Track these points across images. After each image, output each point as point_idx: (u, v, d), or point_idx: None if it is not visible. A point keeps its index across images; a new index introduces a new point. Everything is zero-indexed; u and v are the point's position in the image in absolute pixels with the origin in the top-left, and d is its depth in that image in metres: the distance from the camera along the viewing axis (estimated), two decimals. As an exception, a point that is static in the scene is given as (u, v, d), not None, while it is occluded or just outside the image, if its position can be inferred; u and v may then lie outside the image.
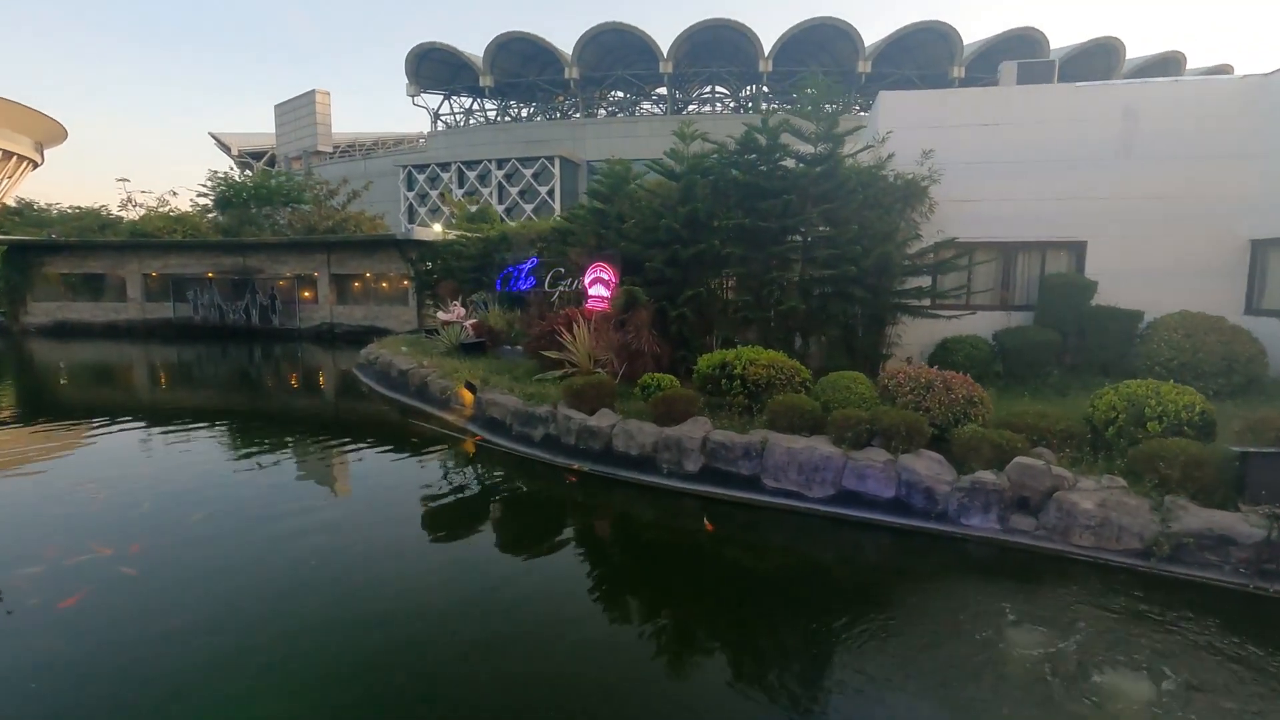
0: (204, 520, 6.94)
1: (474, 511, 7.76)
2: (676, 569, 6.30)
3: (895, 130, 11.77)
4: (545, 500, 8.14)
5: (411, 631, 4.87)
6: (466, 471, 9.15)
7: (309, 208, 34.49)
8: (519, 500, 8.19)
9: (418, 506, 7.79)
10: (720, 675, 4.44)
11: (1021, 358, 10.92)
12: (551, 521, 7.53)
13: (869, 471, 6.89)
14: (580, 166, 52.62)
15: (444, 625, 5.00)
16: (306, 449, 10.33)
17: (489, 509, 7.90)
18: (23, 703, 3.97)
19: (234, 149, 77.56)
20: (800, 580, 6.03)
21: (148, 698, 4.05)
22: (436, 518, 7.48)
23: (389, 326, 24.97)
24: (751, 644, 4.81)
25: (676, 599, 5.65)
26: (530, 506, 8.03)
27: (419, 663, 4.48)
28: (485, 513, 7.75)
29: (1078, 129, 11.53)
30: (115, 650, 4.54)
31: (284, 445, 10.48)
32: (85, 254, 27.81)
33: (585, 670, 4.47)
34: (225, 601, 5.23)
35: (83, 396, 14.89)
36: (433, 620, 5.06)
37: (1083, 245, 11.78)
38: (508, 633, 4.88)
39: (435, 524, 7.29)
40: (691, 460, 7.85)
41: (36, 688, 4.10)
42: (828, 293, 10.84)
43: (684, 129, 11.56)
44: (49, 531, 6.54)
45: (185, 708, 3.96)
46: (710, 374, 8.98)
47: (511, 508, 7.95)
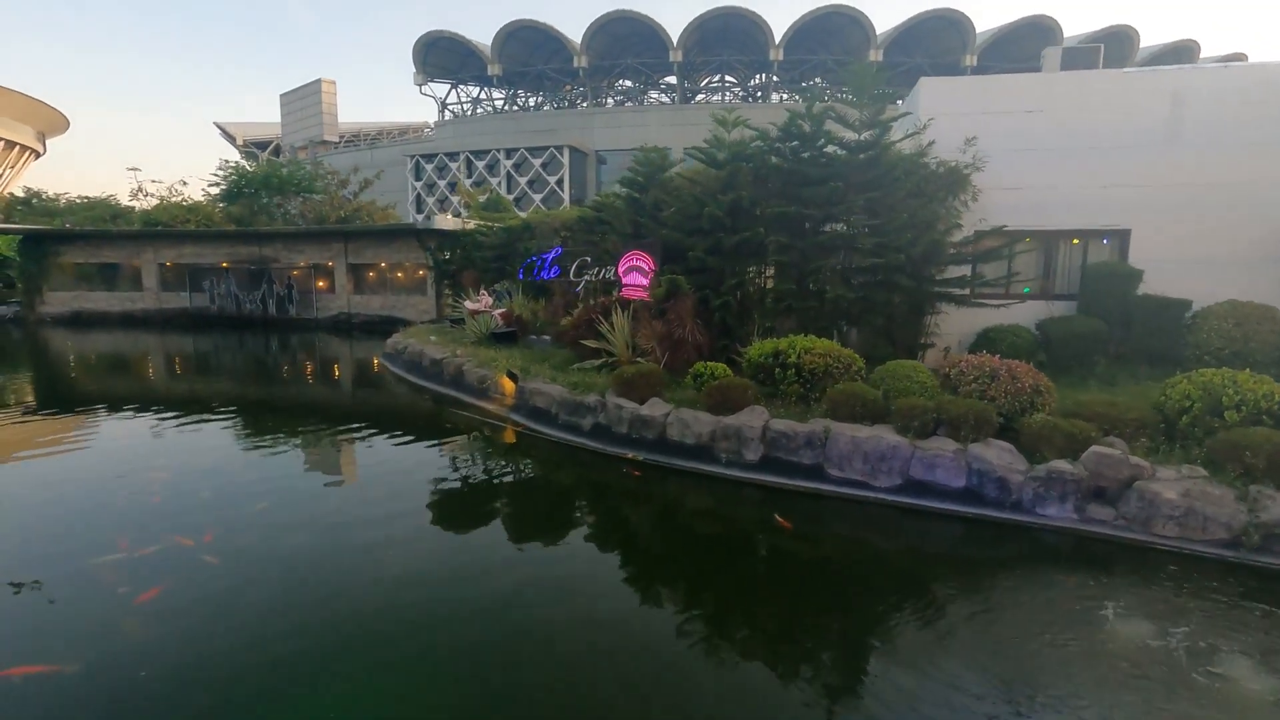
0: (266, 510, 6.89)
1: (539, 501, 7.72)
2: (753, 559, 6.24)
3: (936, 117, 11.63)
4: (612, 491, 8.00)
5: (512, 626, 4.82)
6: (523, 461, 9.10)
7: (320, 197, 34.38)
8: (585, 490, 8.12)
9: (478, 497, 7.74)
10: (801, 669, 4.39)
11: (1067, 347, 10.83)
12: (629, 514, 7.41)
13: (939, 461, 6.82)
14: (589, 156, 52.36)
15: (540, 618, 4.95)
16: (352, 439, 10.26)
17: (553, 498, 7.85)
18: (141, 691, 3.93)
19: (239, 139, 77.25)
20: (882, 571, 5.98)
21: (272, 679, 4.01)
22: (498, 506, 7.45)
23: (407, 316, 24.89)
24: (840, 635, 4.77)
25: (758, 590, 5.60)
26: (599, 497, 7.90)
27: (535, 657, 4.44)
28: (552, 502, 7.70)
29: (1123, 116, 11.38)
30: (218, 636, 4.50)
31: (326, 435, 10.42)
32: (101, 243, 27.71)
33: (685, 669, 4.42)
34: (316, 592, 5.19)
35: (117, 386, 14.83)
36: (530, 610, 5.01)
37: (1126, 233, 11.66)
38: (610, 620, 4.84)
39: (499, 513, 7.25)
40: (751, 450, 7.78)
41: (145, 675, 4.06)
42: (870, 281, 10.76)
43: (726, 116, 11.42)
44: (117, 520, 6.50)
45: (312, 690, 3.92)
46: (762, 363, 8.91)
47: (578, 497, 7.88)
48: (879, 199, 10.42)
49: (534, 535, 6.64)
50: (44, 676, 4.04)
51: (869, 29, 49.87)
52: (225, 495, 7.37)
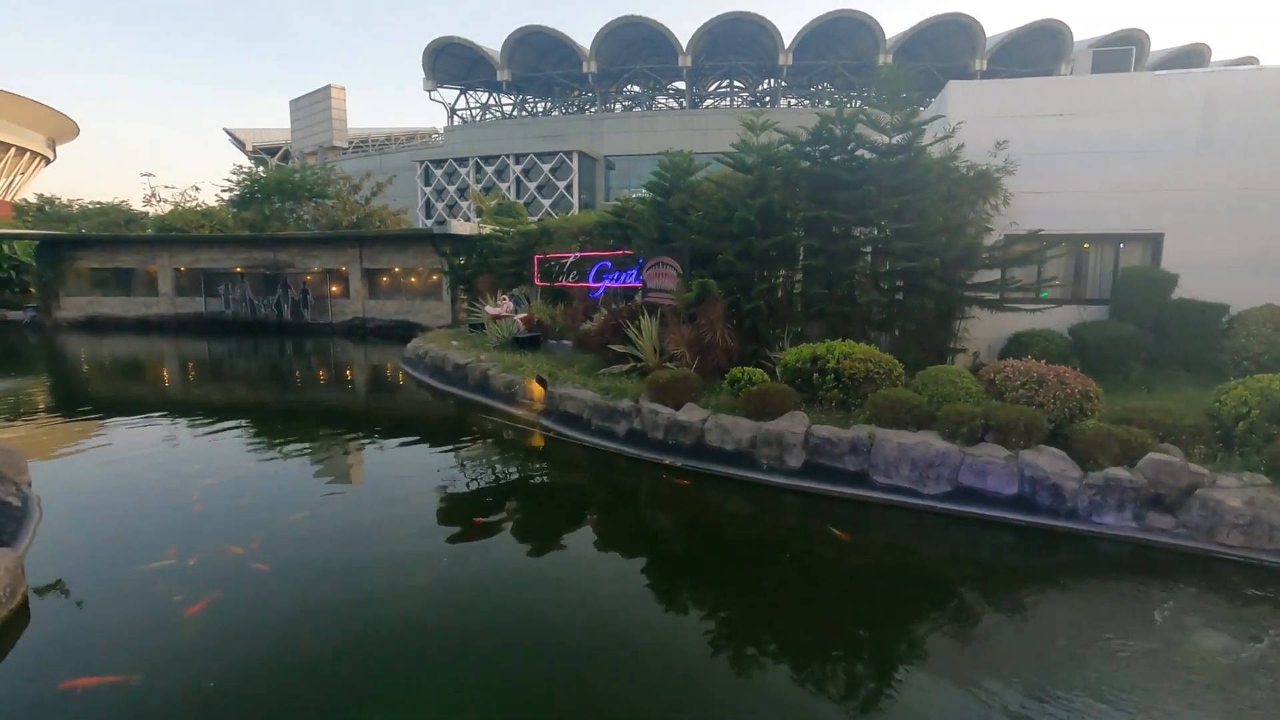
0: (306, 519, 6.82)
1: (586, 510, 7.64)
2: (806, 568, 6.14)
3: (964, 121, 11.55)
4: (661, 500, 7.85)
5: (585, 640, 4.74)
6: (560, 467, 9.02)
7: (332, 202, 34.45)
8: (633, 499, 8.01)
9: (523, 505, 7.67)
10: (865, 678, 4.30)
11: (1101, 353, 10.70)
12: (683, 524, 7.27)
13: (990, 468, 6.72)
14: (598, 161, 52.40)
15: (607, 622, 4.87)
16: (381, 445, 10.20)
17: (601, 507, 7.77)
18: (209, 702, 3.86)
19: (248, 145, 77.56)
20: (934, 579, 5.87)
21: (337, 689, 3.94)
22: (544, 515, 7.37)
23: (422, 321, 24.86)
24: (895, 647, 4.67)
25: (815, 600, 5.50)
26: (649, 506, 7.77)
27: (599, 673, 4.36)
28: (602, 511, 7.61)
29: (1156, 119, 11.29)
30: (277, 645, 4.42)
31: (355, 441, 10.35)
32: (117, 249, 27.79)
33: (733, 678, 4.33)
34: (369, 600, 5.11)
35: (143, 391, 14.82)
36: (603, 619, 4.93)
37: (1159, 237, 11.55)
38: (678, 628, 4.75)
39: (545, 522, 7.17)
40: (793, 456, 7.69)
41: (215, 686, 3.98)
42: (901, 286, 10.68)
43: (754, 120, 11.36)
44: (160, 528, 6.43)
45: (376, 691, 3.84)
46: (799, 368, 8.82)
47: (629, 507, 7.78)
48: (912, 202, 10.34)
49: (586, 545, 6.55)
50: (109, 687, 3.97)
51: (878, 33, 49.86)
52: (264, 502, 7.31)
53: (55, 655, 4.34)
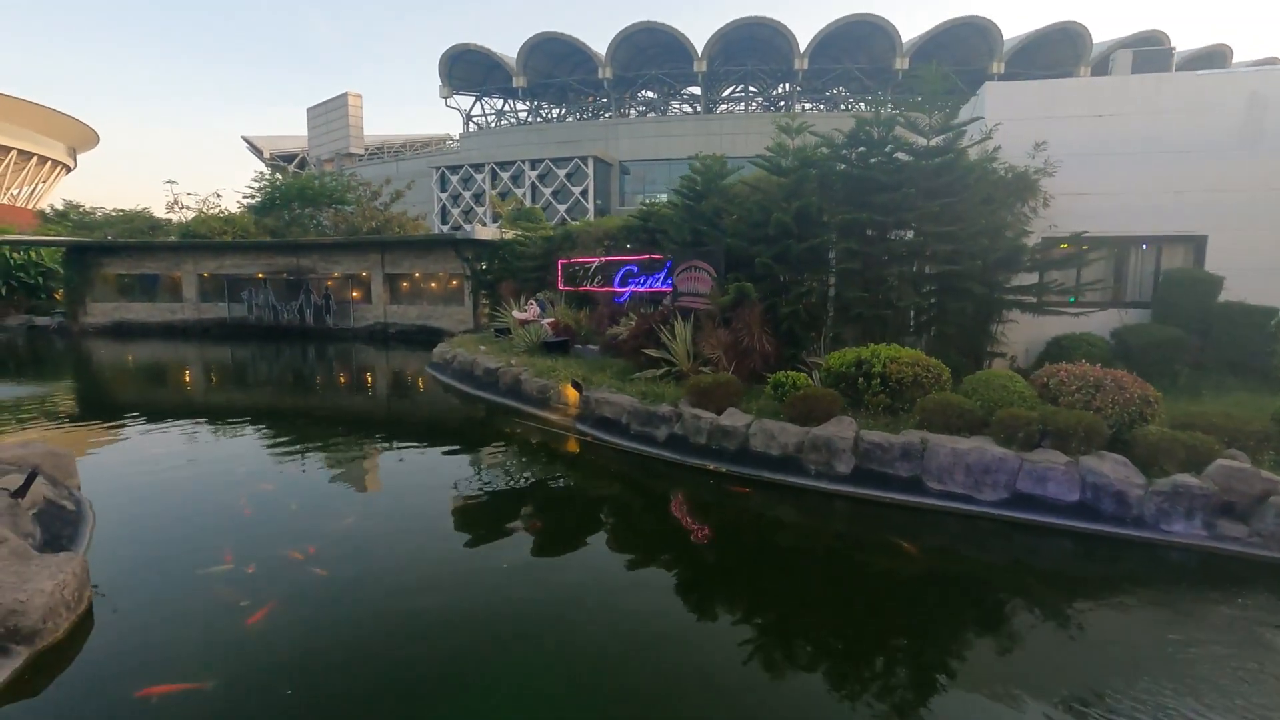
0: (355, 523, 6.78)
1: (638, 515, 7.57)
2: (868, 576, 6.03)
3: (1002, 122, 11.41)
4: (721, 508, 7.72)
5: (657, 653, 4.66)
6: (604, 473, 8.96)
7: (352, 209, 34.65)
8: (684, 504, 7.93)
9: (569, 510, 7.62)
10: (935, 687, 4.18)
11: (1146, 357, 10.49)
12: (742, 530, 7.17)
13: (1050, 474, 6.59)
14: (613, 166, 52.45)
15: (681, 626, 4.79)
16: (422, 449, 10.17)
17: (656, 513, 7.69)
18: (288, 709, 3.81)
19: (266, 152, 78.38)
20: (997, 587, 5.75)
21: (415, 692, 3.88)
22: (595, 520, 7.31)
23: (444, 326, 24.92)
24: (974, 656, 4.55)
25: (878, 607, 5.39)
26: (708, 513, 7.62)
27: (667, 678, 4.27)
28: (657, 517, 7.54)
29: (1198, 119, 11.11)
30: (346, 649, 4.37)
31: (394, 446, 10.34)
32: (143, 255, 28.08)
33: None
34: (432, 604, 5.06)
35: (179, 396, 14.91)
36: (678, 626, 4.85)
37: (1203, 239, 11.36)
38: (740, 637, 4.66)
39: (597, 527, 7.11)
40: (843, 461, 7.58)
41: (293, 694, 3.93)
42: (941, 288, 10.54)
43: (789, 122, 11.29)
44: (213, 533, 6.40)
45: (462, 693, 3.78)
46: (843, 372, 8.71)
47: (688, 514, 7.68)
48: (952, 205, 10.21)
49: (644, 551, 6.47)
50: (185, 695, 3.93)
51: (895, 37, 49.70)
52: (312, 507, 7.29)
53: (125, 661, 4.30)
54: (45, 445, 7.34)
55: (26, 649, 4.17)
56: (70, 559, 4.78)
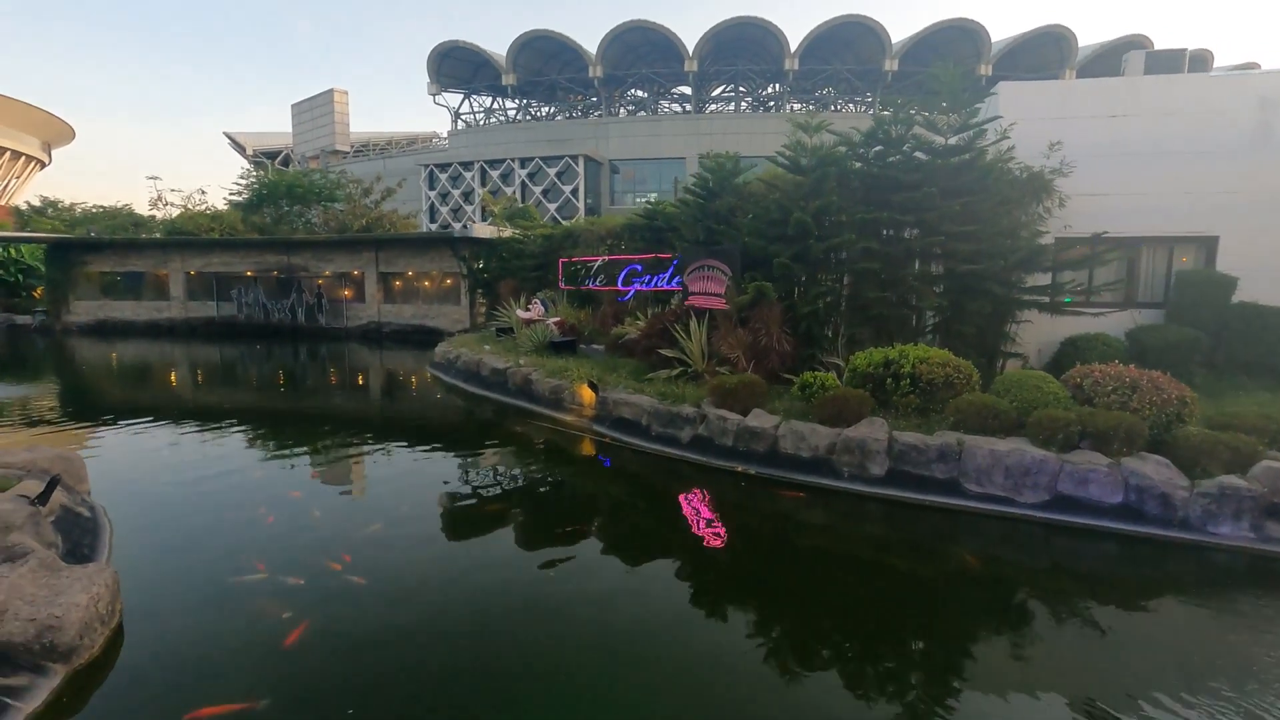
0: (382, 530, 6.56)
1: (673, 518, 7.41)
2: (918, 580, 5.93)
3: (1016, 122, 11.39)
4: (767, 512, 7.60)
5: (706, 656, 4.51)
6: (631, 475, 8.79)
7: (341, 206, 34.14)
8: (718, 505, 7.78)
9: (605, 514, 7.45)
10: (999, 693, 4.08)
11: (1162, 358, 10.48)
12: (788, 534, 7.05)
13: (1092, 476, 6.53)
14: (604, 165, 52.21)
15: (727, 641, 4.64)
16: (435, 451, 9.94)
17: (696, 517, 7.54)
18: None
19: (249, 148, 77.20)
20: (1047, 592, 5.66)
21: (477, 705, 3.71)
22: (634, 524, 7.15)
23: (440, 326, 24.60)
24: (1044, 661, 4.46)
25: (933, 610, 5.29)
26: (754, 517, 7.47)
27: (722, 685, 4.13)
28: (696, 521, 7.38)
29: (1210, 120, 11.17)
30: (397, 662, 4.17)
31: (407, 448, 10.08)
32: (128, 252, 27.42)
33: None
34: (483, 611, 4.87)
35: (171, 397, 14.51)
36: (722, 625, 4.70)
37: (1214, 240, 11.41)
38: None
39: (639, 530, 6.95)
40: (877, 463, 7.48)
41: (353, 713, 3.73)
42: (957, 289, 10.49)
43: (808, 121, 11.17)
44: (240, 541, 6.16)
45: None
46: (870, 373, 8.61)
47: (734, 518, 7.52)
48: (972, 204, 10.16)
49: (694, 558, 6.31)
50: (236, 716, 3.71)
51: (885, 39, 49.98)
52: (336, 513, 7.07)
53: (165, 679, 4.08)
54: (53, 449, 7.04)
55: (64, 667, 3.93)
56: (101, 570, 4.54)
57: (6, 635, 3.82)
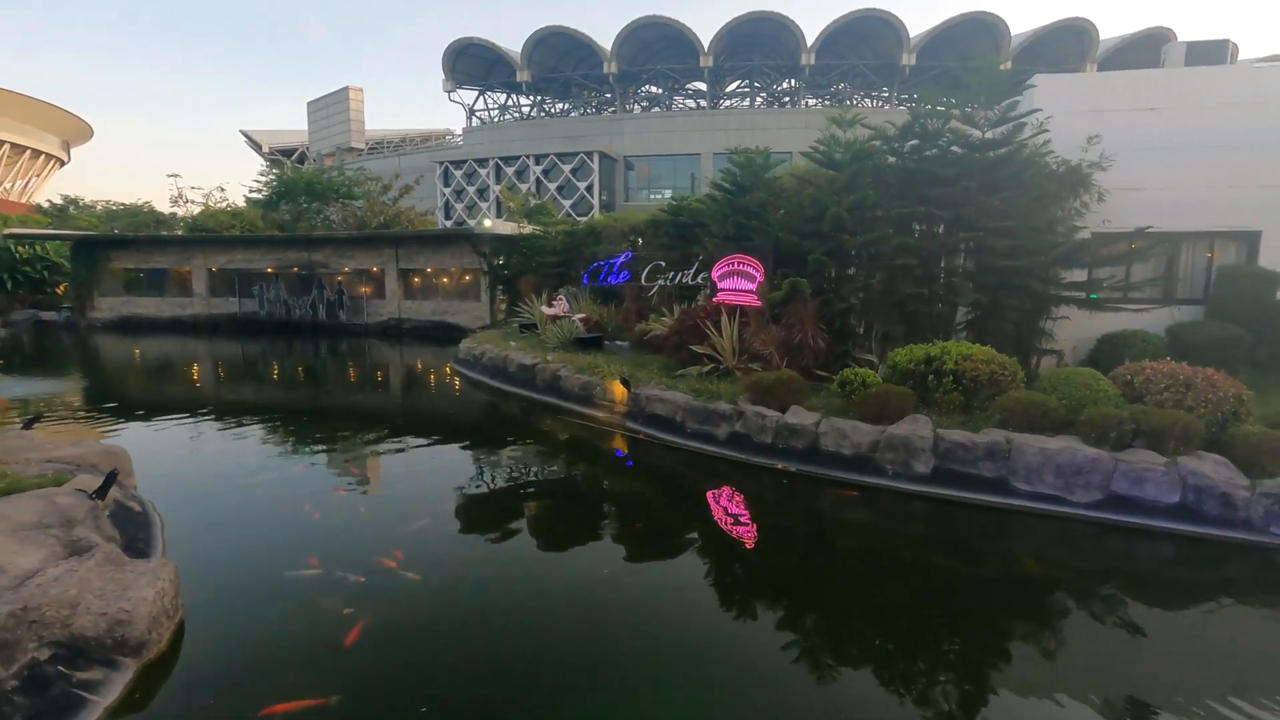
0: (429, 525, 6.55)
1: (721, 515, 7.36)
2: (981, 581, 5.85)
3: (1052, 115, 11.22)
4: (798, 506, 7.60)
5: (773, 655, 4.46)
6: (668, 471, 8.76)
7: (360, 203, 34.26)
8: (767, 505, 7.73)
9: (654, 510, 7.41)
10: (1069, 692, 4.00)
11: (1205, 355, 10.30)
12: (846, 534, 7.03)
13: (1149, 475, 6.41)
14: (618, 162, 52.11)
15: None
16: (469, 447, 9.94)
17: (748, 514, 7.48)
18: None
19: (265, 146, 77.65)
20: (1115, 594, 5.56)
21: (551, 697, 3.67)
22: (683, 521, 7.11)
23: (460, 322, 24.64)
24: (1115, 661, 4.37)
25: (1011, 610, 5.21)
26: (792, 512, 7.44)
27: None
28: (752, 519, 7.33)
29: (1253, 113, 10.95)
30: (465, 656, 4.15)
31: (442, 444, 10.07)
32: (152, 249, 27.66)
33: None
34: (544, 609, 4.85)
35: (204, 392, 14.60)
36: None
37: (1256, 235, 11.21)
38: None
39: (688, 529, 6.91)
40: (922, 461, 7.39)
41: (427, 710, 3.71)
42: (994, 285, 10.36)
43: (841, 115, 11.06)
44: (289, 536, 6.18)
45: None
46: (911, 370, 8.50)
47: (789, 518, 7.48)
48: (1011, 199, 10.03)
49: (748, 557, 6.26)
50: (311, 712, 3.70)
51: (902, 32, 49.52)
52: (381, 508, 7.07)
53: (233, 674, 4.07)
54: (100, 444, 7.08)
55: (134, 661, 3.93)
56: (164, 565, 4.54)
57: (80, 629, 3.83)
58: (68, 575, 4.04)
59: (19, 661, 3.54)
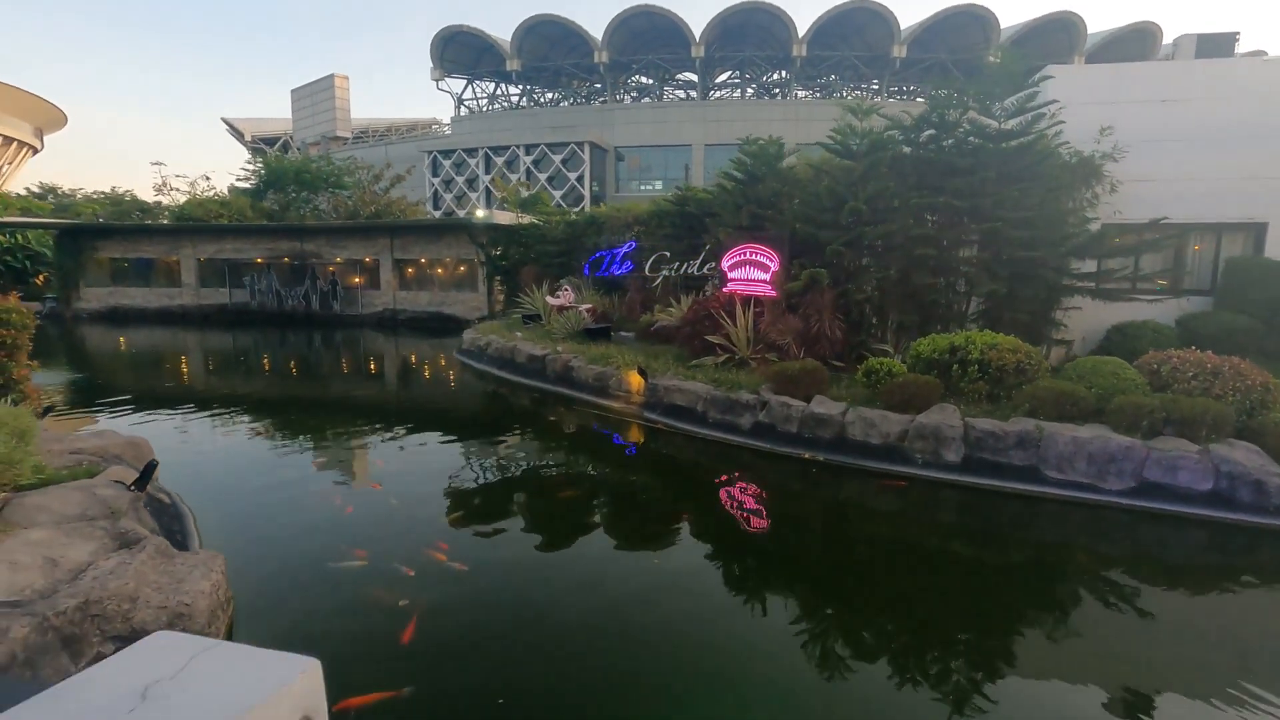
0: (464, 519, 6.47)
1: (762, 506, 7.35)
2: (1023, 568, 5.88)
3: (1066, 106, 11.26)
4: (838, 496, 7.65)
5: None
6: (696, 461, 8.72)
7: (349, 193, 33.77)
8: (806, 494, 7.72)
9: (692, 501, 7.37)
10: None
11: (1217, 346, 10.38)
12: (897, 526, 7.07)
13: (1182, 463, 6.47)
14: (609, 152, 51.79)
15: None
16: (487, 438, 9.84)
17: (787, 507, 7.47)
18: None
19: (247, 134, 76.37)
20: (1157, 581, 5.62)
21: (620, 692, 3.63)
22: (722, 511, 7.08)
23: (457, 313, 24.42)
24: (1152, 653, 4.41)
25: (1056, 598, 5.24)
26: (849, 506, 7.49)
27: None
28: (792, 510, 7.32)
29: (1263, 105, 11.07)
30: (531, 646, 4.10)
31: (457, 435, 9.97)
32: (139, 238, 27.08)
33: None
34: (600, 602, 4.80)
35: (216, 384, 14.34)
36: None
37: (1263, 227, 11.34)
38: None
39: (728, 517, 6.88)
40: (952, 450, 7.41)
41: (504, 701, 3.65)
42: (1010, 275, 10.41)
43: (858, 105, 11.01)
44: (325, 527, 6.08)
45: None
46: (935, 359, 8.52)
47: (815, 504, 7.48)
48: (1029, 189, 10.05)
49: (804, 546, 6.25)
50: (386, 705, 3.62)
51: (893, 24, 49.57)
52: (412, 500, 6.94)
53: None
54: (121, 435, 6.91)
55: (196, 657, 3.83)
56: (214, 556, 4.43)
57: (141, 623, 3.72)
58: (122, 568, 3.92)
59: (86, 656, 3.43)
